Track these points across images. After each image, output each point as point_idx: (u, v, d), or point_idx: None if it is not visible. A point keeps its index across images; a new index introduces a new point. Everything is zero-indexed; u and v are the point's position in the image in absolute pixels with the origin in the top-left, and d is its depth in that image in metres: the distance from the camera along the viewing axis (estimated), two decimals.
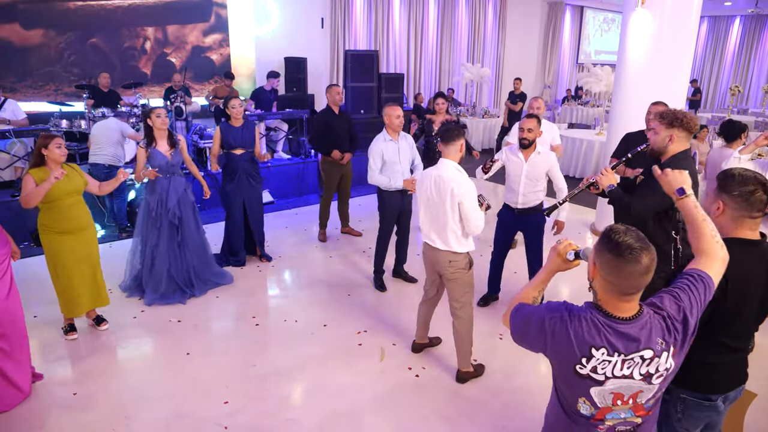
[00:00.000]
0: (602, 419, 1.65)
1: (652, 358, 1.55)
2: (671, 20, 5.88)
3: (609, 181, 2.86)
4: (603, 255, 1.52)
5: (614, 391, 1.58)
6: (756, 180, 1.97)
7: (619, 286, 1.51)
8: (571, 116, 13.67)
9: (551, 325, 1.59)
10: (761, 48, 17.75)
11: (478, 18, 14.19)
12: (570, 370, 1.57)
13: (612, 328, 1.54)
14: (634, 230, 1.55)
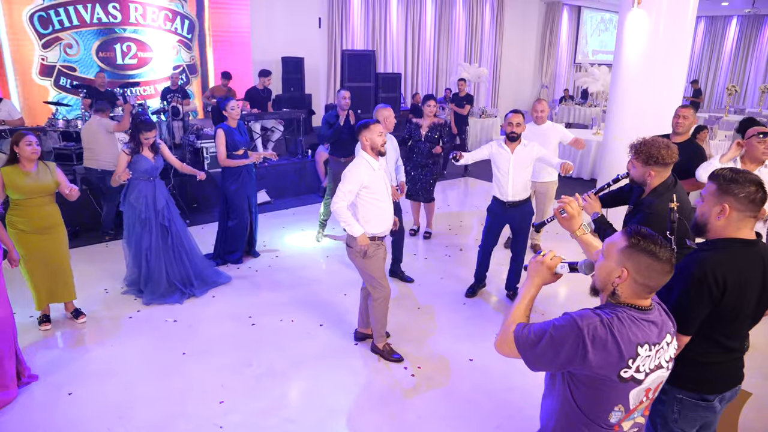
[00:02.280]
0: (621, 424, 1.66)
1: (670, 342, 1.65)
2: (667, 20, 5.89)
3: (594, 209, 2.85)
4: (640, 260, 1.57)
5: (648, 386, 1.63)
6: (755, 180, 1.98)
7: (651, 286, 1.59)
8: (569, 116, 13.68)
9: (591, 333, 1.52)
10: (758, 48, 17.80)
11: (476, 18, 14.21)
12: (613, 376, 1.54)
13: (647, 320, 1.60)
14: (656, 234, 1.62)
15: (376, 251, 3.60)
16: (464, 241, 6.20)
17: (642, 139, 2.84)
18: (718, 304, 1.95)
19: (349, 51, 9.34)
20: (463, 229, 6.66)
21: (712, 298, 1.94)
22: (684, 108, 4.28)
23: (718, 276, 1.93)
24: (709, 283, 1.93)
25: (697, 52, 18.94)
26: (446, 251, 5.90)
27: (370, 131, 3.50)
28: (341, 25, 11.54)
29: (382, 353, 3.83)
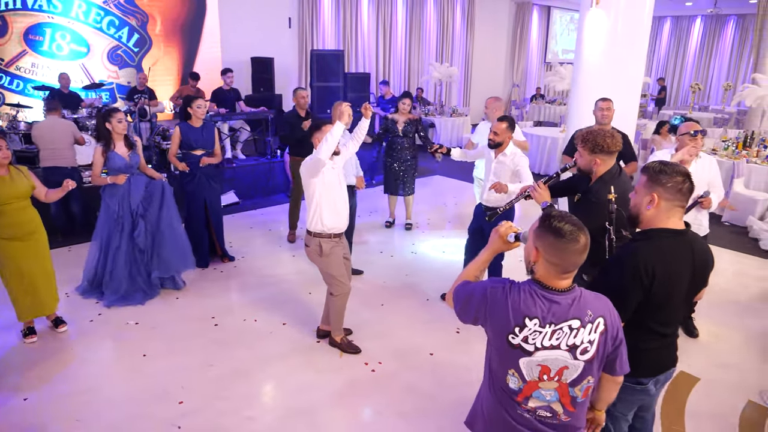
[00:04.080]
0: (528, 396, 1.73)
1: (578, 328, 1.68)
2: (625, 19, 6.05)
3: (543, 198, 2.95)
4: (546, 239, 1.67)
5: (541, 363, 1.69)
6: (682, 171, 2.07)
7: (561, 265, 1.67)
8: (539, 114, 13.90)
9: (492, 294, 1.73)
10: (720, 46, 18.28)
11: (447, 18, 14.32)
12: (503, 339, 1.70)
13: (546, 298, 1.68)
14: (568, 215, 1.71)
15: (334, 249, 3.64)
16: (429, 239, 6.27)
17: (588, 128, 2.96)
18: (649, 293, 2.03)
19: (318, 51, 9.36)
20: (431, 226, 6.73)
21: (643, 287, 2.02)
22: (605, 101, 4.51)
23: (648, 265, 2.01)
24: (640, 273, 2.00)
25: (664, 50, 19.38)
26: (412, 248, 5.96)
27: (322, 132, 3.54)
28: (312, 25, 11.54)
29: (339, 346, 3.88)
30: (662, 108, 15.15)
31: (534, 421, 1.77)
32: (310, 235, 3.64)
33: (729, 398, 3.50)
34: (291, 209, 6.02)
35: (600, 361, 1.75)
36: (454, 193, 8.34)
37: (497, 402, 1.80)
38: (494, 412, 1.83)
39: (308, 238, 3.66)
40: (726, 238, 6.54)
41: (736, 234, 6.72)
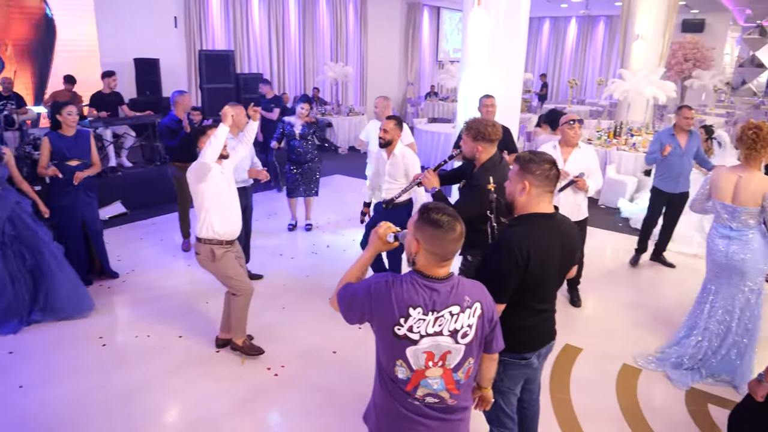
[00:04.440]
0: (416, 386, 1.79)
1: (458, 313, 1.77)
2: (505, 20, 6.38)
3: (432, 184, 3.10)
4: (425, 231, 1.75)
5: (427, 350, 1.76)
6: (549, 159, 2.24)
7: (441, 254, 1.76)
8: (433, 111, 14.37)
9: (376, 289, 1.77)
10: (593, 45, 19.91)
11: (340, 17, 14.39)
12: (390, 331, 1.74)
13: (427, 287, 1.76)
14: (444, 206, 1.80)
15: (226, 254, 3.55)
16: (330, 239, 6.28)
17: (474, 117, 3.16)
18: (525, 273, 2.18)
19: (206, 51, 9.02)
20: (333, 225, 6.74)
21: (519, 268, 2.16)
22: (489, 98, 4.85)
23: (523, 248, 2.15)
24: (516, 255, 2.14)
25: (544, 49, 20.77)
26: (313, 249, 5.94)
27: (207, 136, 3.43)
28: (199, 24, 11.09)
29: (242, 349, 3.78)
30: (545, 103, 16.24)
31: (423, 407, 1.83)
32: (201, 242, 3.52)
33: (608, 364, 3.84)
34: (181, 217, 5.76)
35: (479, 343, 1.85)
36: (355, 191, 8.40)
37: (388, 394, 1.85)
38: (385, 404, 1.88)
39: (198, 245, 3.54)
40: (602, 219, 7.15)
41: (610, 215, 7.37)
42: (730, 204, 3.43)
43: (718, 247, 3.52)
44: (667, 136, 5.27)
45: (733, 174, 3.43)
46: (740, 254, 3.43)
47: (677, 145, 5.19)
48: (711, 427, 3.25)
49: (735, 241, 3.45)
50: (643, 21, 11.75)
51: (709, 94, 16.59)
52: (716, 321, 3.62)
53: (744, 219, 3.40)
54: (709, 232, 3.67)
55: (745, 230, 3.42)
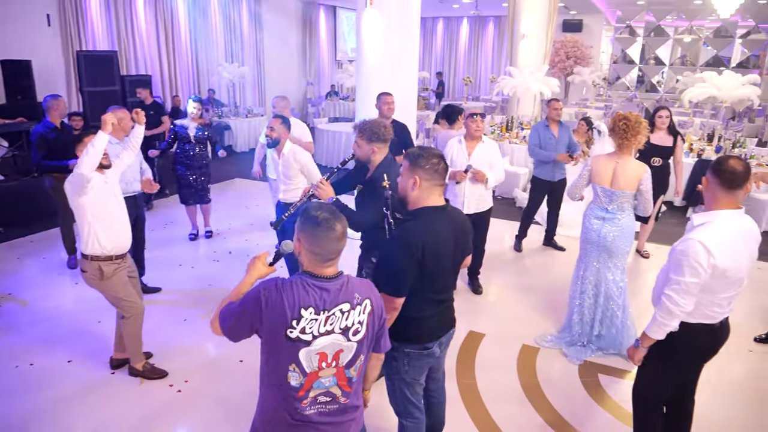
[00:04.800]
0: (308, 389, 1.78)
1: (349, 311, 1.78)
2: (397, 19, 6.50)
3: (327, 194, 3.03)
4: (305, 231, 1.75)
5: (320, 351, 1.75)
6: (437, 154, 2.31)
7: (321, 253, 1.75)
8: (334, 111, 14.37)
9: (267, 294, 1.72)
10: (484, 44, 20.88)
11: (233, 16, 13.95)
12: (282, 336, 1.71)
13: (317, 287, 1.75)
14: (326, 205, 1.80)
15: (116, 272, 3.32)
16: (233, 245, 6.09)
17: (364, 120, 3.15)
18: (422, 265, 2.23)
19: (86, 52, 8.38)
20: (235, 231, 6.53)
21: (416, 261, 2.21)
22: (389, 95, 4.95)
23: (417, 241, 2.20)
24: (411, 248, 2.19)
25: (439, 48, 21.47)
26: (215, 256, 5.72)
27: (84, 144, 3.18)
28: (77, 22, 10.25)
29: (142, 374, 3.55)
30: (442, 100, 16.79)
31: (314, 415, 1.81)
32: (87, 260, 3.25)
33: (509, 346, 4.05)
34: (64, 232, 5.30)
35: (370, 340, 1.87)
36: (255, 194, 8.20)
37: (277, 406, 1.81)
38: (274, 417, 1.83)
39: (84, 262, 3.27)
40: (498, 209, 7.50)
41: (507, 205, 7.77)
42: (609, 188, 3.74)
43: (593, 226, 3.84)
44: (542, 128, 5.65)
45: (610, 161, 3.74)
46: (611, 234, 3.76)
47: (551, 135, 5.58)
48: (601, 394, 3.53)
49: (608, 222, 3.78)
50: (527, 21, 12.50)
51: (589, 89, 17.98)
52: (587, 296, 3.95)
53: (620, 202, 3.73)
54: (585, 212, 3.98)
55: (618, 212, 3.76)
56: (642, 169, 3.66)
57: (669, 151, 5.49)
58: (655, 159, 5.39)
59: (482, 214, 4.64)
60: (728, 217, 2.28)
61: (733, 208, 2.29)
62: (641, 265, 5.72)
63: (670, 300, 2.31)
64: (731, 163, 2.27)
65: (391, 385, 2.53)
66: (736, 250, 2.27)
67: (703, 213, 2.35)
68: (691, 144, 8.62)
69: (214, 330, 1.87)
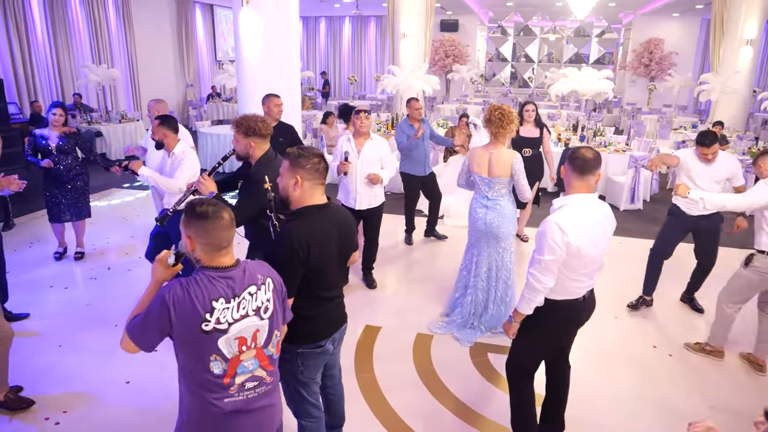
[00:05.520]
0: (233, 376, 1.82)
1: (256, 292, 1.87)
2: (276, 19, 6.43)
3: (209, 189, 3.00)
4: (194, 225, 1.79)
5: (238, 335, 1.82)
6: (317, 153, 2.33)
7: (215, 243, 1.80)
8: (218, 113, 13.86)
9: (172, 296, 1.74)
10: (367, 43, 21.20)
11: (98, 15, 12.93)
12: (197, 331, 1.74)
13: (222, 277, 1.81)
14: (208, 199, 1.87)
15: None
16: (112, 260, 5.68)
17: (242, 115, 3.12)
18: (308, 265, 2.24)
19: None
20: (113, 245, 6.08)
21: (301, 260, 2.21)
22: (277, 97, 4.93)
23: (302, 240, 2.21)
24: (296, 248, 2.19)
25: (323, 47, 21.47)
26: (91, 274, 5.30)
27: None
28: None
29: (5, 404, 3.21)
30: (328, 99, 16.83)
31: (241, 402, 1.86)
32: None
33: (405, 336, 4.17)
34: None
35: (279, 315, 1.97)
36: (135, 205, 7.71)
37: (203, 400, 1.82)
38: (201, 412, 1.84)
39: None
40: (391, 204, 7.69)
41: (398, 200, 7.96)
42: (486, 176, 3.98)
43: (479, 215, 4.08)
44: (406, 126, 5.87)
45: (486, 151, 3.99)
46: (496, 220, 4.02)
47: (415, 132, 5.82)
48: (491, 372, 3.75)
49: (491, 209, 4.04)
50: (406, 21, 12.88)
51: (468, 86, 18.94)
52: (480, 279, 4.20)
53: (498, 188, 4.00)
54: (471, 203, 4.22)
55: (498, 199, 4.03)
56: (513, 155, 3.96)
57: (537, 142, 5.95)
58: (525, 150, 5.82)
59: (374, 209, 4.74)
60: (582, 200, 2.51)
61: (587, 192, 2.53)
62: (523, 248, 6.15)
63: (533, 277, 2.51)
64: (582, 151, 2.51)
65: (287, 387, 2.51)
66: (589, 229, 2.49)
67: (561, 197, 2.58)
68: (559, 134, 9.41)
69: (126, 348, 1.84)
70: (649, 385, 3.68)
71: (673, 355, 4.04)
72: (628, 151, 8.48)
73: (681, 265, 4.92)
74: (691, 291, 4.78)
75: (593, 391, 3.58)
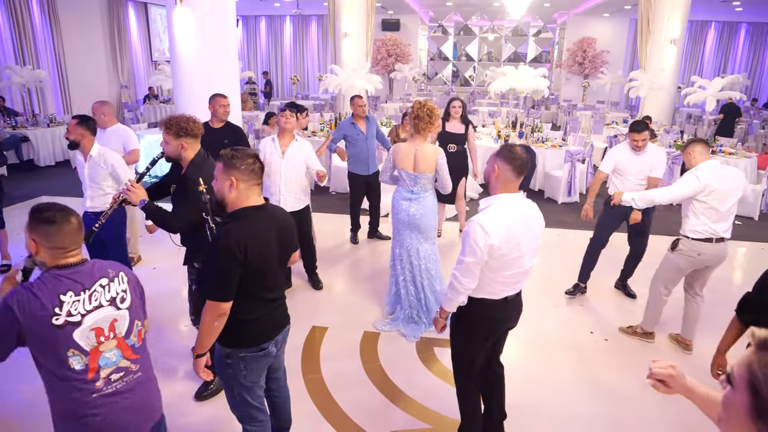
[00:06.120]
0: (96, 370, 1.82)
1: (108, 284, 1.90)
2: (211, 18, 6.27)
3: (139, 197, 2.88)
4: (41, 230, 1.80)
5: (94, 326, 1.83)
6: (251, 154, 2.30)
7: (64, 247, 1.83)
8: (155, 115, 13.39)
9: (15, 300, 1.73)
10: (309, 42, 21.03)
11: (21, 13, 12.20)
12: (48, 327, 1.74)
13: (68, 274, 1.82)
14: (52, 203, 1.88)
15: None
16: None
17: (169, 116, 3.04)
18: (246, 267, 2.20)
19: None
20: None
21: (239, 263, 2.17)
22: (223, 98, 4.85)
23: (240, 242, 2.17)
24: (233, 250, 2.15)
25: (264, 47, 21.13)
26: None
27: None
28: None
29: None
30: (271, 100, 16.59)
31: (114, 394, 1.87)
32: None
33: (351, 335, 4.18)
34: None
35: (140, 306, 2.00)
36: None
37: (72, 399, 1.81)
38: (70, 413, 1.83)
39: None
40: (337, 204, 7.68)
41: (343, 200, 7.95)
42: (412, 172, 4.05)
43: (402, 207, 4.15)
44: (348, 125, 5.88)
45: (411, 147, 4.05)
46: (418, 212, 4.10)
47: (359, 131, 5.84)
48: (438, 366, 3.81)
49: (414, 202, 4.11)
50: (347, 21, 12.87)
51: (410, 85, 19.12)
52: (408, 272, 4.25)
53: (423, 183, 4.08)
54: (393, 195, 4.27)
55: (422, 193, 4.11)
56: (437, 151, 4.05)
57: (463, 138, 6.05)
58: (451, 145, 5.92)
59: (300, 212, 4.60)
60: (507, 200, 2.48)
61: (513, 192, 2.51)
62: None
63: (454, 278, 2.51)
64: (519, 151, 2.49)
65: (230, 393, 2.46)
66: (514, 231, 2.44)
67: (487, 197, 2.54)
68: (499, 131, 9.65)
69: None
70: (586, 369, 3.84)
71: (608, 340, 4.23)
72: (565, 146, 8.80)
73: (615, 253, 5.15)
74: (624, 278, 5.02)
75: (535, 378, 3.71)
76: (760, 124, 13.70)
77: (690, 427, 2.86)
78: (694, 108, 14.77)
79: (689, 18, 12.86)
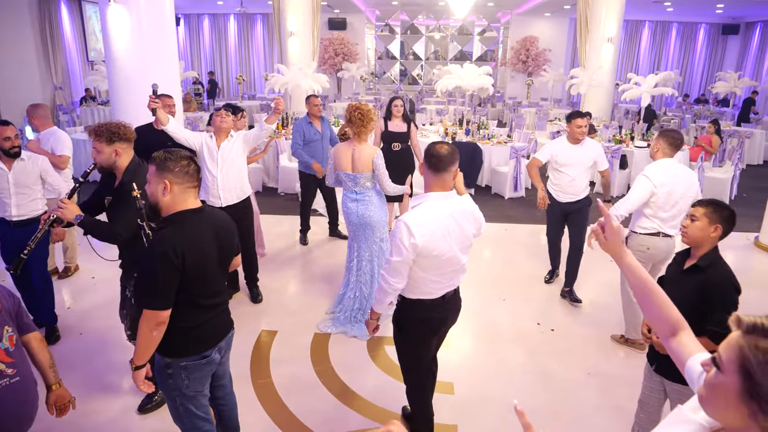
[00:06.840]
0: None
1: None
2: (148, 16, 6.05)
3: (73, 213, 2.74)
4: None
5: None
6: (186, 156, 2.22)
7: None
8: (93, 117, 12.84)
9: None
10: (255, 41, 20.67)
11: None
12: None
13: None
14: None
15: None
16: None
17: (97, 123, 2.92)
18: (184, 272, 2.13)
19: None
20: None
21: (176, 268, 2.10)
22: (168, 97, 4.71)
23: (176, 248, 2.09)
24: (170, 256, 2.07)
25: (208, 47, 20.62)
26: None
27: None
28: None
29: None
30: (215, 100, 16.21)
31: None
32: None
33: (301, 338, 4.12)
34: None
35: (7, 312, 2.06)
36: None
37: None
38: None
39: None
40: (285, 205, 7.58)
41: (292, 200, 7.86)
42: (351, 173, 4.07)
43: (351, 209, 4.17)
44: (305, 124, 5.82)
45: (348, 149, 4.07)
46: (367, 212, 4.13)
47: (315, 131, 5.80)
48: (389, 364, 3.80)
49: (361, 203, 4.14)
50: (293, 20, 12.73)
51: (358, 84, 19.10)
52: (363, 273, 4.27)
53: (363, 183, 4.11)
54: (342, 200, 4.29)
55: (366, 192, 4.13)
56: (374, 150, 4.07)
57: (405, 137, 6.08)
58: (395, 144, 5.95)
59: (244, 203, 4.41)
60: (437, 198, 2.47)
61: (442, 189, 2.48)
62: None
63: (382, 278, 2.50)
64: (436, 148, 2.47)
65: (173, 404, 2.38)
66: (443, 229, 2.41)
67: (417, 196, 2.52)
68: (446, 128, 9.77)
69: None
70: (533, 360, 3.93)
71: (555, 330, 4.35)
72: (510, 142, 9.00)
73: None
74: (569, 283, 4.86)
75: (483, 371, 3.77)
76: (692, 118, 14.46)
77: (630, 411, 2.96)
78: (631, 104, 15.41)
79: (624, 18, 13.39)
